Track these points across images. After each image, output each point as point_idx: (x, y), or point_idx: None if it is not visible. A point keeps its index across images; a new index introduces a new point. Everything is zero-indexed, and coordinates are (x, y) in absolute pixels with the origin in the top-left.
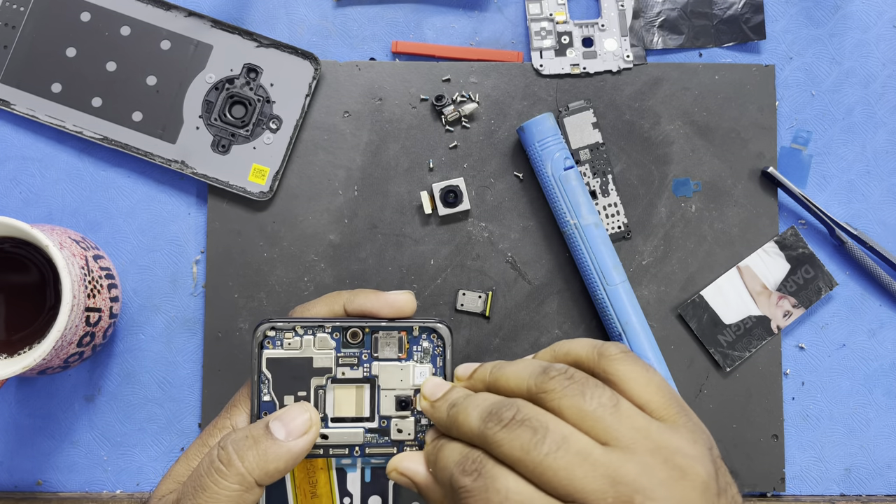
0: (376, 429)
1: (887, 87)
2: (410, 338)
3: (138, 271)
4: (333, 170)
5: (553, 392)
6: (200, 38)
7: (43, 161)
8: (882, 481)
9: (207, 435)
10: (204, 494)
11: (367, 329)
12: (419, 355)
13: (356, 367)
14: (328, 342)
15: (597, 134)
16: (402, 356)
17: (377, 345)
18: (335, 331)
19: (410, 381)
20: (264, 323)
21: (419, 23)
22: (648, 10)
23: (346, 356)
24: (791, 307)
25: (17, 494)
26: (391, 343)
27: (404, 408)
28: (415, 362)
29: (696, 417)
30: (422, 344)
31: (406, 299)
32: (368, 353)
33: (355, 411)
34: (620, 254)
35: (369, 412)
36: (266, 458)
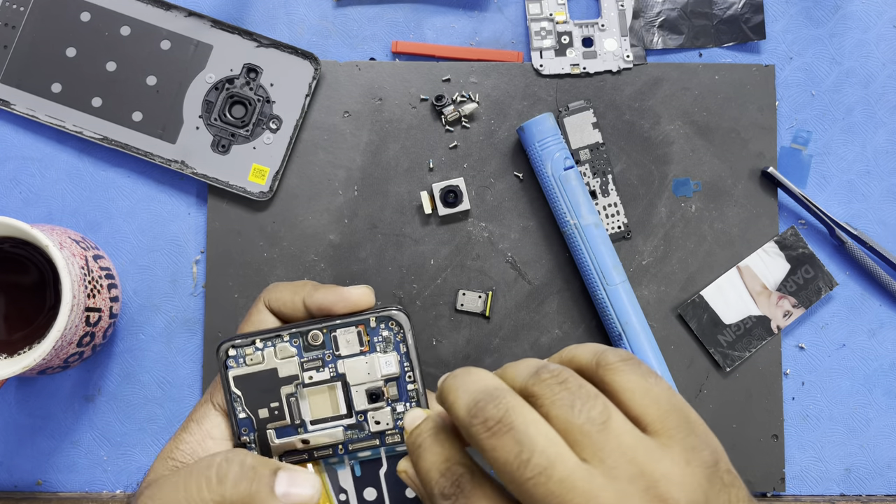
0: (354, 424)
1: (887, 87)
2: (369, 329)
3: (138, 271)
4: (333, 170)
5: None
6: (200, 38)
7: (43, 161)
8: (882, 481)
9: (193, 411)
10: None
11: (324, 329)
12: (381, 345)
13: (322, 369)
14: (289, 350)
15: (597, 134)
16: (364, 349)
17: (338, 343)
18: (294, 337)
19: (378, 372)
20: (224, 343)
21: (419, 23)
22: (648, 10)
23: (309, 360)
24: (791, 307)
25: (17, 494)
26: (351, 339)
27: (376, 399)
28: (378, 353)
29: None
30: (381, 334)
31: (361, 293)
32: (331, 352)
33: (331, 411)
34: (620, 254)
35: (345, 409)
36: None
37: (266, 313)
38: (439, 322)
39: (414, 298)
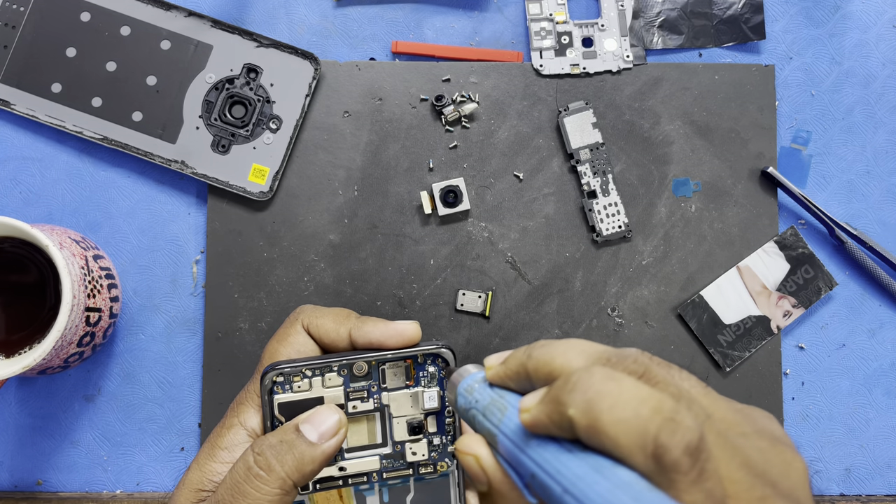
0: (391, 454)
1: (887, 87)
2: (416, 365)
3: (138, 271)
4: (333, 170)
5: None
6: (200, 38)
7: (43, 161)
8: (882, 481)
9: (216, 436)
10: (245, 500)
11: (373, 362)
12: (426, 380)
13: (366, 400)
14: (336, 380)
15: (597, 134)
16: (409, 383)
17: (384, 376)
18: (342, 368)
19: (420, 405)
20: (271, 370)
21: (419, 23)
22: (648, 10)
23: (355, 390)
24: (791, 307)
25: (17, 494)
26: (398, 372)
27: (416, 432)
28: (422, 388)
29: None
30: (427, 369)
31: (413, 329)
32: (377, 384)
33: (367, 440)
34: (621, 254)
35: (382, 439)
36: (303, 461)
37: (304, 336)
38: (439, 322)
39: (414, 298)
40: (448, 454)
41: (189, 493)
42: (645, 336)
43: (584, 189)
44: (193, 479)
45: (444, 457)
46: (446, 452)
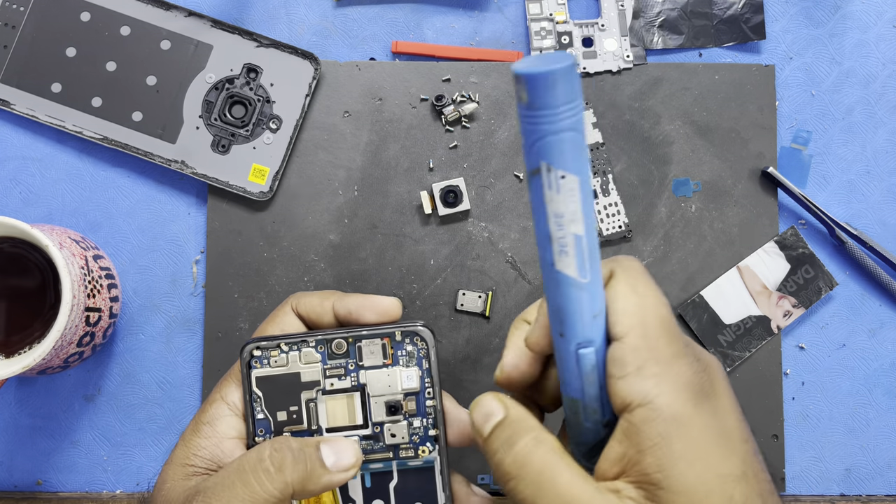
0: (370, 435)
1: (887, 86)
2: (394, 343)
3: (138, 271)
4: (333, 170)
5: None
6: (200, 38)
7: (43, 161)
8: (882, 481)
9: (200, 412)
10: (244, 489)
11: (350, 339)
12: (404, 359)
13: (344, 378)
14: (314, 356)
15: (597, 134)
16: (387, 362)
17: (362, 353)
18: (319, 344)
19: (398, 385)
20: (250, 343)
21: (419, 23)
22: (648, 9)
23: (332, 367)
24: (791, 307)
25: (16, 494)
26: (375, 350)
27: (395, 412)
28: (401, 367)
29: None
30: (406, 348)
31: (391, 303)
32: (354, 362)
33: (348, 420)
34: (621, 254)
35: (362, 420)
36: (310, 478)
37: (292, 316)
38: (439, 322)
39: (414, 298)
40: (430, 438)
41: (176, 468)
42: None
43: None
44: (179, 454)
45: (425, 441)
46: (428, 437)
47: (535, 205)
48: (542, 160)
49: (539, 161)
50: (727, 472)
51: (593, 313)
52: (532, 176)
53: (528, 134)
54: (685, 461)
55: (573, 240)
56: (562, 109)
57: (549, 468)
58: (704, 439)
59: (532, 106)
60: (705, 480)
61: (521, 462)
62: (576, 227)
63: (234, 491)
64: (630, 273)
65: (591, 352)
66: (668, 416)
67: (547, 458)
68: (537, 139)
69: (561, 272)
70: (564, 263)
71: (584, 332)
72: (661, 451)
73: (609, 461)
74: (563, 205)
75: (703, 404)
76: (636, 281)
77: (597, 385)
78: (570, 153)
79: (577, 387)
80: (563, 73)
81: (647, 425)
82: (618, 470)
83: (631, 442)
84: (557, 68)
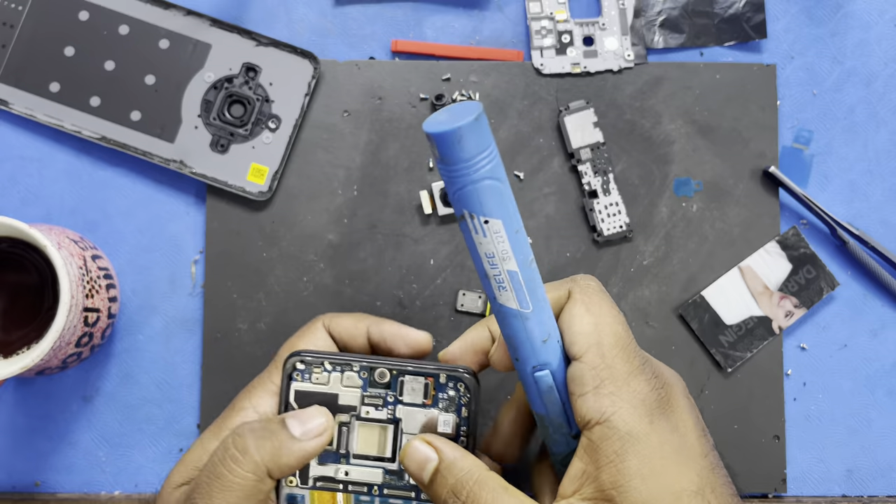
0: (395, 471)
1: (889, 86)
2: (437, 384)
3: (137, 271)
4: (333, 169)
5: None
6: (199, 37)
7: (41, 161)
8: (884, 482)
9: (224, 418)
10: (218, 482)
11: (394, 371)
12: (444, 403)
13: (381, 408)
14: (355, 380)
15: (598, 133)
16: (427, 402)
17: (403, 388)
18: (363, 370)
19: (434, 428)
20: (295, 356)
21: (419, 21)
22: (649, 8)
23: (371, 396)
24: (792, 307)
25: (15, 495)
26: (417, 388)
27: None
28: (440, 410)
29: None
30: (448, 392)
31: (423, 338)
32: (395, 395)
33: (377, 451)
34: (622, 254)
35: (390, 453)
36: (280, 451)
37: (323, 334)
38: (439, 322)
39: (414, 298)
40: None
41: (186, 470)
42: (646, 336)
43: (584, 189)
44: (194, 457)
45: None
46: None
47: (469, 246)
48: (463, 209)
49: (462, 209)
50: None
51: (542, 339)
52: (459, 221)
53: (448, 185)
54: (639, 477)
55: (508, 276)
56: (474, 161)
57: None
58: (659, 455)
59: (445, 161)
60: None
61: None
62: (509, 265)
63: (211, 487)
64: (586, 293)
65: (546, 374)
66: (624, 434)
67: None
68: (457, 190)
69: (503, 305)
70: (504, 298)
71: (537, 357)
72: (617, 468)
73: (570, 478)
74: (493, 246)
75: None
76: (591, 301)
77: (558, 402)
78: (489, 200)
79: (539, 404)
80: (469, 128)
81: (604, 442)
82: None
83: (590, 458)
84: (462, 125)
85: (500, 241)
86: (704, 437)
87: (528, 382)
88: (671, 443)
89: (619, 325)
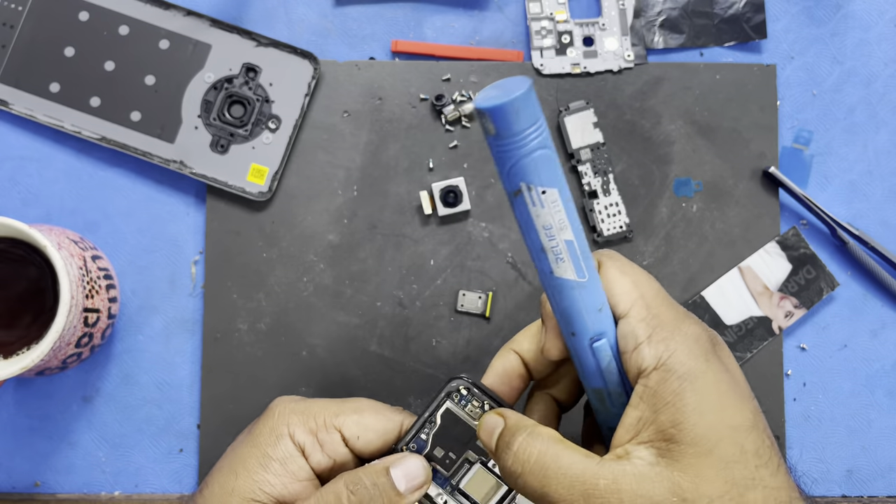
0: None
1: (889, 86)
2: None
3: (137, 272)
4: (333, 170)
5: None
6: (199, 38)
7: (41, 161)
8: (884, 482)
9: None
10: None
11: None
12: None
13: None
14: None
15: (598, 133)
16: None
17: None
18: None
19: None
20: (465, 379)
21: (419, 22)
22: (649, 9)
23: None
24: (792, 308)
25: (14, 496)
26: None
27: None
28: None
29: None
30: None
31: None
32: None
33: (482, 498)
34: (622, 254)
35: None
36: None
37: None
38: (439, 323)
39: (414, 299)
40: None
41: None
42: None
43: (584, 189)
44: (245, 487)
45: None
46: None
47: (523, 222)
48: (521, 182)
49: (518, 183)
50: (738, 423)
51: (597, 307)
52: (514, 197)
53: (503, 161)
54: (697, 413)
55: (566, 246)
56: (529, 132)
57: (548, 457)
58: (716, 392)
59: (501, 136)
60: (717, 430)
61: (521, 459)
62: (566, 234)
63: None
64: (615, 259)
65: (604, 343)
66: (682, 374)
67: (544, 449)
68: (513, 164)
69: (561, 278)
70: (562, 269)
71: (594, 327)
72: (675, 407)
73: (624, 427)
74: (550, 217)
75: (713, 360)
76: (622, 264)
77: (616, 370)
78: (545, 170)
79: (598, 377)
80: (523, 99)
81: (661, 385)
82: (632, 434)
83: (647, 405)
84: (517, 96)
85: (557, 211)
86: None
87: (585, 357)
88: (725, 381)
89: (654, 281)
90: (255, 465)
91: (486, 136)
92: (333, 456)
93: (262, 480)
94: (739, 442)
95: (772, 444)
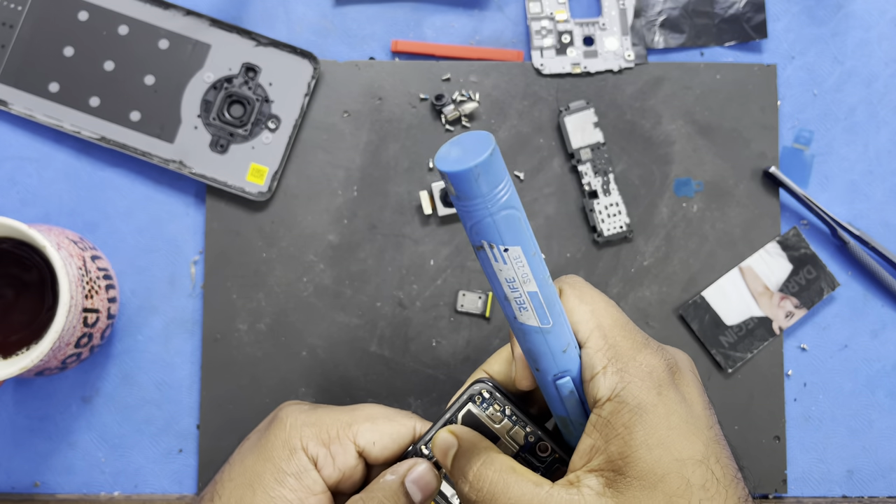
0: None
1: (889, 86)
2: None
3: (136, 272)
4: (333, 170)
5: None
6: (199, 38)
7: (40, 161)
8: (885, 483)
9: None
10: None
11: (557, 455)
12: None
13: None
14: (519, 436)
15: (598, 133)
16: None
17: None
18: (532, 434)
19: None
20: (490, 383)
21: (419, 22)
22: (649, 8)
23: (525, 459)
24: (793, 308)
25: (14, 496)
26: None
27: None
28: None
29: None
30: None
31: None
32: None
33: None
34: (622, 254)
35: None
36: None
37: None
38: (439, 323)
39: (414, 299)
40: None
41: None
42: None
43: (584, 189)
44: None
45: None
46: None
47: (487, 273)
48: (482, 240)
49: (480, 241)
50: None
51: (562, 349)
52: (477, 251)
53: (465, 218)
54: (645, 447)
55: (529, 297)
56: (491, 194)
57: (500, 485)
58: (666, 425)
59: (462, 198)
60: (663, 464)
61: (476, 488)
62: (529, 287)
63: None
64: (575, 286)
65: (567, 381)
66: (633, 406)
67: (496, 479)
68: (474, 223)
69: (524, 324)
70: (525, 317)
71: (558, 366)
72: (623, 440)
73: (579, 454)
74: (513, 272)
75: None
76: (582, 291)
77: (578, 402)
78: (508, 230)
79: (561, 408)
80: (485, 165)
81: (613, 416)
82: (585, 461)
83: (600, 433)
84: (479, 162)
85: (520, 266)
86: (710, 410)
87: (549, 391)
88: (678, 413)
89: (614, 308)
90: (271, 481)
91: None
92: (343, 468)
93: (279, 496)
94: (686, 476)
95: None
